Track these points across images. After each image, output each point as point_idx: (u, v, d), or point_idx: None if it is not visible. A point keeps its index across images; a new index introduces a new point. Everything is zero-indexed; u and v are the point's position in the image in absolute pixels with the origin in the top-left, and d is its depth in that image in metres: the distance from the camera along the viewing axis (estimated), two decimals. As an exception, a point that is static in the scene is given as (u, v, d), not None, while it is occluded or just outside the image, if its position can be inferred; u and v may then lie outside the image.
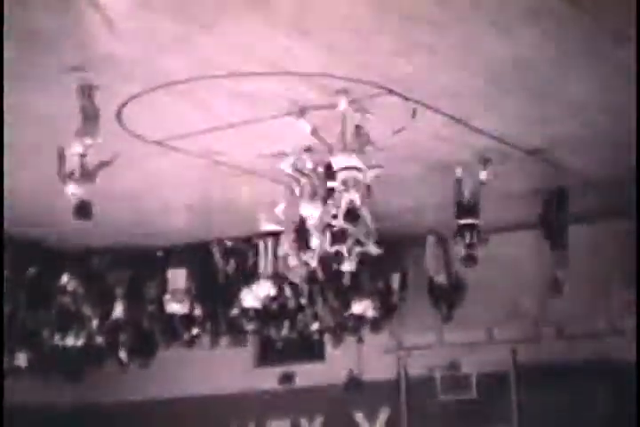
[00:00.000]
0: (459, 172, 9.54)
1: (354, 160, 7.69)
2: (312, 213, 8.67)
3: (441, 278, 12.19)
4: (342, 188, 7.63)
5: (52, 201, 10.09)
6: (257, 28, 6.50)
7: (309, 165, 8.80)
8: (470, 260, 9.80)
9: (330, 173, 8.10)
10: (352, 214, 7.69)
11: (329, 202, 8.26)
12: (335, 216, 8.03)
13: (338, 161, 7.71)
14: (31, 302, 12.37)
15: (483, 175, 9.39)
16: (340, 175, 7.68)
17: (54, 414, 13.80)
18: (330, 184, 8.24)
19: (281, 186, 9.49)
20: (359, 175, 7.68)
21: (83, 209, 7.45)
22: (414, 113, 8.05)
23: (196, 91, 7.53)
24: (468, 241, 9.56)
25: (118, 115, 8.14)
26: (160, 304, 12.32)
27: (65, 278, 12.46)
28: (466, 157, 9.31)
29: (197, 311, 12.44)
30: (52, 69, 7.12)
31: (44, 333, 12.71)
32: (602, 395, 11.01)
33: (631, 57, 6.93)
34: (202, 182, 9.78)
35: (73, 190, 7.47)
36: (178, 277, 12.25)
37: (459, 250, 9.76)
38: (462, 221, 9.62)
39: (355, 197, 7.63)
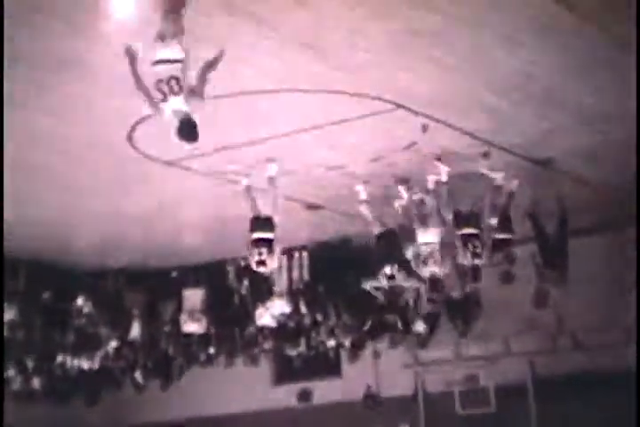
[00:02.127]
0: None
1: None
2: None
3: (456, 293, 12.16)
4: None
5: (68, 221, 10.21)
6: (268, 46, 6.53)
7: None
8: (507, 277, 9.89)
9: None
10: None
11: None
12: None
13: None
14: (46, 325, 12.38)
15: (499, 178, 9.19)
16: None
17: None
18: None
19: (294, 203, 9.55)
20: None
21: (188, 128, 5.59)
22: (425, 128, 8.07)
23: (208, 110, 7.55)
24: (471, 250, 9.11)
25: (130, 136, 8.18)
26: (176, 324, 12.33)
27: (80, 301, 12.47)
28: (476, 170, 9.32)
29: (213, 331, 12.45)
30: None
31: (59, 356, 12.73)
32: (620, 405, 10.94)
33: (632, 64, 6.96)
34: (215, 201, 9.80)
35: (175, 106, 5.53)
36: (193, 297, 12.27)
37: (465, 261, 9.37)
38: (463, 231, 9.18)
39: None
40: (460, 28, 6.49)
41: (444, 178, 8.87)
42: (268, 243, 8.57)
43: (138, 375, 13.31)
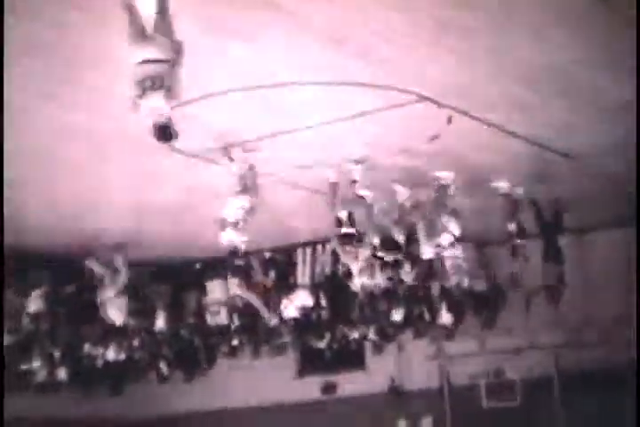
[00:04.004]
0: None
1: None
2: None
3: (480, 286, 12.12)
4: None
5: (94, 214, 10.24)
6: (291, 38, 6.51)
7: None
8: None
9: None
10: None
11: None
12: None
13: None
14: (71, 318, 12.44)
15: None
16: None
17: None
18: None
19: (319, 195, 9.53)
20: None
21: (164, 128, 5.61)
22: (450, 120, 8.03)
23: (233, 102, 7.55)
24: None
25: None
26: (200, 316, 12.35)
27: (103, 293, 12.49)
28: (501, 163, 9.28)
29: (237, 322, 12.47)
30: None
31: (84, 347, 12.79)
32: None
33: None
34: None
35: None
36: (217, 289, 12.29)
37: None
38: None
39: None
40: (487, 21, 6.44)
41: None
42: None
43: (162, 366, 13.37)
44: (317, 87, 7.33)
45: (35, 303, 11.86)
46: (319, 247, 11.86)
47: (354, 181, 9.04)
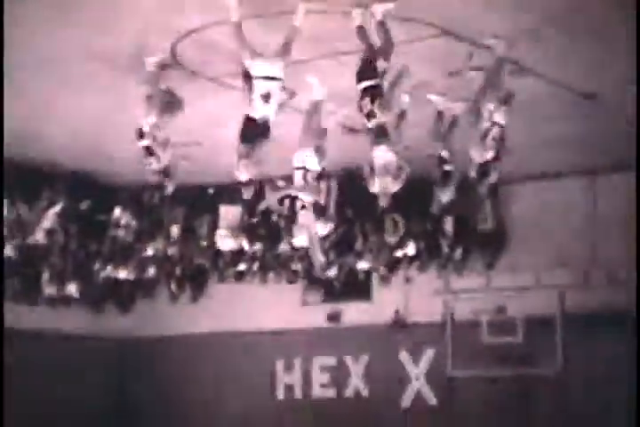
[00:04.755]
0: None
1: None
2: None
3: (486, 225, 12.17)
4: None
5: (110, 133, 10.27)
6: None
7: None
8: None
9: None
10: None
11: None
12: None
13: None
14: (84, 235, 12.58)
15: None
16: None
17: (103, 344, 14.14)
18: None
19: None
20: None
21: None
22: (471, 55, 7.98)
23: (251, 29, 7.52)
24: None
25: (173, 50, 8.17)
26: (211, 239, 12.46)
27: (118, 212, 12.62)
28: (521, 98, 9.21)
29: (247, 247, 12.57)
30: None
31: (95, 264, 12.95)
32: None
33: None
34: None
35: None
36: (229, 214, 12.35)
37: None
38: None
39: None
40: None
41: None
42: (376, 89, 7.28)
43: (173, 285, 13.55)
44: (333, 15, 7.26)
45: (49, 220, 11.99)
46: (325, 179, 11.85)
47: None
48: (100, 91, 9.06)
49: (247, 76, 7.19)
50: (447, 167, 9.00)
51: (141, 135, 8.50)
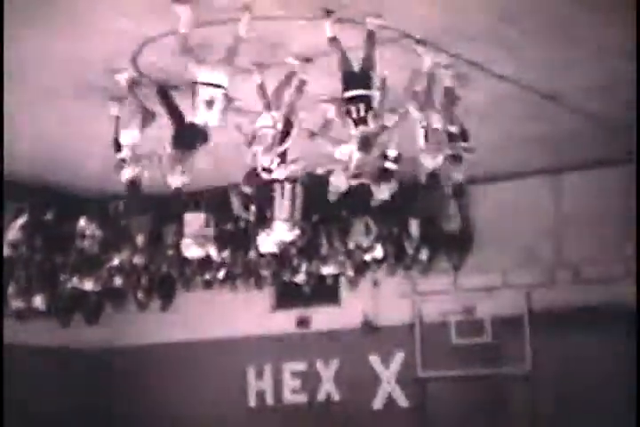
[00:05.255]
0: None
1: None
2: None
3: (452, 226, 12.23)
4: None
5: (75, 144, 10.23)
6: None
7: None
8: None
9: None
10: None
11: None
12: None
13: None
14: (49, 246, 12.49)
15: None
16: None
17: (72, 355, 14.04)
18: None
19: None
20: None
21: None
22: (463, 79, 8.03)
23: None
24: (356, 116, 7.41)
25: (134, 59, 8.16)
26: (178, 248, 12.41)
27: (82, 222, 12.53)
28: (480, 100, 9.28)
29: (214, 255, 12.54)
30: None
31: (61, 276, 12.86)
32: (618, 341, 11.08)
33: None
34: (220, 127, 9.78)
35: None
36: (195, 221, 12.31)
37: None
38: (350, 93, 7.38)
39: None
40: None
41: None
42: (366, 100, 7.32)
43: (140, 295, 13.48)
44: (297, 22, 7.31)
45: (14, 232, 11.90)
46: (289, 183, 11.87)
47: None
48: (65, 103, 9.01)
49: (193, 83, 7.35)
50: (388, 165, 8.98)
51: (118, 148, 8.57)
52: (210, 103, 7.34)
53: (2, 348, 11.85)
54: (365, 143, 7.37)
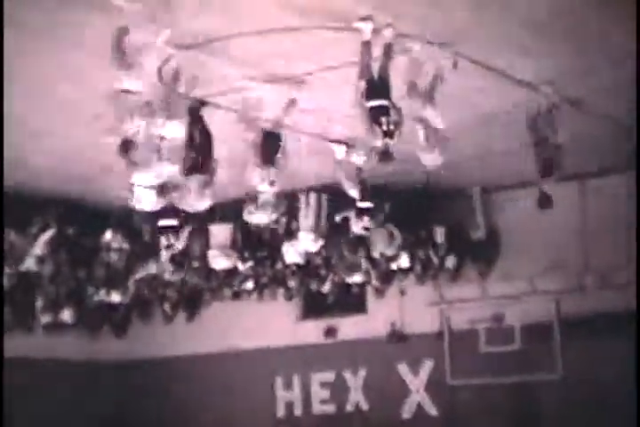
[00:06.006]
0: None
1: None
2: None
3: (479, 234, 12.20)
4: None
5: (95, 157, 10.26)
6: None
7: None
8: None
9: None
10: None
11: None
12: None
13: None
14: (75, 260, 12.53)
15: None
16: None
17: (100, 368, 14.06)
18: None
19: (321, 141, 9.54)
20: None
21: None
22: (455, 64, 7.98)
23: (231, 48, 7.55)
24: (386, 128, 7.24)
25: (159, 72, 8.17)
26: (204, 259, 12.43)
27: (108, 235, 12.56)
28: (508, 109, 9.25)
29: (241, 266, 12.56)
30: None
31: (89, 289, 12.90)
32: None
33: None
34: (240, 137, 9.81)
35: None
36: (221, 233, 12.33)
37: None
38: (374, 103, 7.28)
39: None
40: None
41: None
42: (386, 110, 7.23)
43: (167, 307, 13.51)
44: (314, 32, 7.29)
45: (40, 247, 11.94)
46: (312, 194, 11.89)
47: None
48: (89, 117, 9.05)
49: None
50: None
51: None
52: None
53: (2, 361, 11.88)
54: (386, 157, 7.33)
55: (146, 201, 8.11)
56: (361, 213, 9.87)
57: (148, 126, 7.34)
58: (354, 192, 9.36)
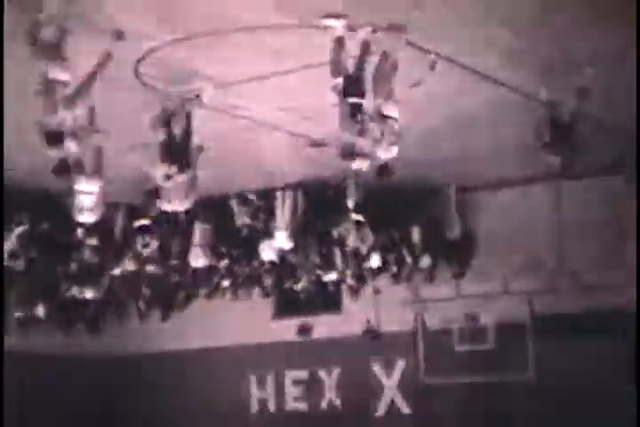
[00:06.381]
0: None
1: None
2: None
3: (454, 233, 12.23)
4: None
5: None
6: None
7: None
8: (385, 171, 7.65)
9: None
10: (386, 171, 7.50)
11: None
12: None
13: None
14: (47, 256, 12.46)
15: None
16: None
17: (74, 364, 13.99)
18: None
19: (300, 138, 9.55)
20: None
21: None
22: (433, 65, 7.98)
23: (214, 45, 7.53)
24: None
25: (136, 70, 8.14)
26: (183, 257, 12.41)
27: (80, 232, 12.48)
28: (484, 110, 9.28)
29: (217, 264, 12.55)
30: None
31: (62, 285, 12.83)
32: (619, 346, 11.07)
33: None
34: (220, 135, 9.79)
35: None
36: (199, 231, 12.33)
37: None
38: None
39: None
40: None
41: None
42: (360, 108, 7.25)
43: (141, 305, 13.46)
44: (299, 30, 7.29)
45: (12, 242, 11.87)
46: (290, 191, 11.90)
47: None
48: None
49: None
50: None
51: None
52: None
53: (2, 355, 11.82)
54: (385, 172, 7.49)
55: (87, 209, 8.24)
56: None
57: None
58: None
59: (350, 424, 13.10)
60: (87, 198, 8.45)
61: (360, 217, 11.62)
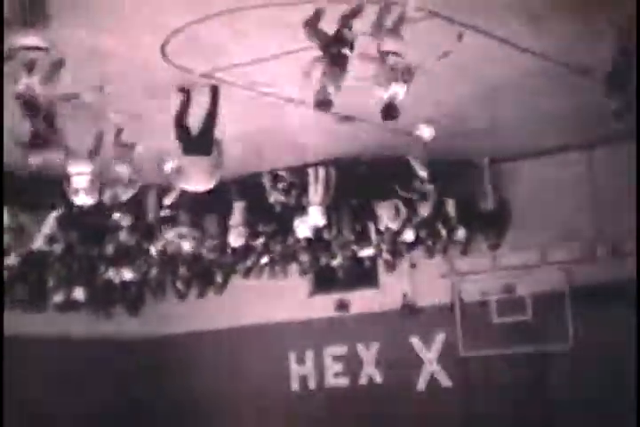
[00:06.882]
0: None
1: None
2: None
3: (488, 205, 12.16)
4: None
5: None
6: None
7: None
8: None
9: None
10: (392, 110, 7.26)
11: None
12: None
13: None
14: (86, 238, 12.51)
15: None
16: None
17: (114, 345, 14.10)
18: None
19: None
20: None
21: None
22: (460, 36, 7.91)
23: (236, 22, 7.50)
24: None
25: (163, 49, 8.13)
26: (221, 237, 12.43)
27: (117, 215, 12.53)
28: (515, 78, 9.18)
29: (253, 242, 12.56)
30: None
31: (101, 267, 12.91)
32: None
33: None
34: (250, 114, 9.77)
35: None
36: (237, 210, 12.34)
37: None
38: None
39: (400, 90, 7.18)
40: None
41: None
42: None
43: (179, 284, 13.51)
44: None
45: (49, 226, 11.93)
46: (322, 168, 11.86)
47: None
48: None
49: None
50: None
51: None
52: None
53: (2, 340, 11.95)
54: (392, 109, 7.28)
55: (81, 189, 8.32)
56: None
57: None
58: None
59: (392, 399, 13.11)
60: (81, 179, 8.54)
61: (404, 193, 11.61)
